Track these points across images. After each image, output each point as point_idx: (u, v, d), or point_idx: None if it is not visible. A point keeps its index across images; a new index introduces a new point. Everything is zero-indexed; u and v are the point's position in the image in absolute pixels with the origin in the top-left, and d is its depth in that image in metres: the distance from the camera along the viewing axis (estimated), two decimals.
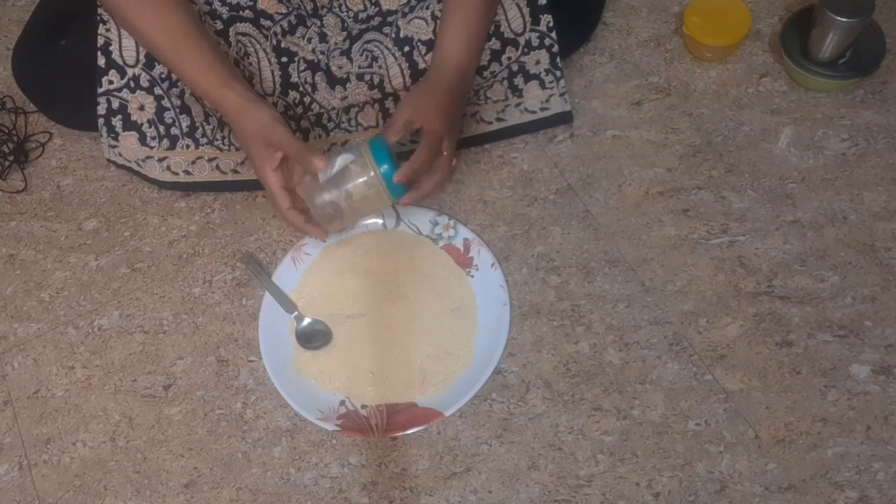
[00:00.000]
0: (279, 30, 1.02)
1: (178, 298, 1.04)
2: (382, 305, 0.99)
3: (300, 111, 1.07)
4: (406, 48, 1.03)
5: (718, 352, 0.93)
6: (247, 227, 1.09)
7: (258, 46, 1.03)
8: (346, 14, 1.01)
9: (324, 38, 1.03)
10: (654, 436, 0.89)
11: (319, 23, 1.02)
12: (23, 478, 0.95)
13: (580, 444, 0.90)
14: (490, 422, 0.92)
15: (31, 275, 1.09)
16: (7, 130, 1.18)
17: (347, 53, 1.04)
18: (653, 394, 0.92)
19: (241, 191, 1.10)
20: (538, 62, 1.06)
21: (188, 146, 1.07)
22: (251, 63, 1.04)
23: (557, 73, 1.06)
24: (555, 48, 1.05)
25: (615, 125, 1.10)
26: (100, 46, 1.02)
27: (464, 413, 0.93)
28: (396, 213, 1.05)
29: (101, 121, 1.06)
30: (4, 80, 1.25)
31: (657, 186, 1.05)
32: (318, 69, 1.05)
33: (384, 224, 1.05)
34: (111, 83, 1.04)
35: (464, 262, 1.01)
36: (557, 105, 1.08)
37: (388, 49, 1.03)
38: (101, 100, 1.05)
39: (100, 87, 1.04)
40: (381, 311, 0.99)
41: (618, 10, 1.19)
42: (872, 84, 1.08)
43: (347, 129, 1.09)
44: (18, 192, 1.16)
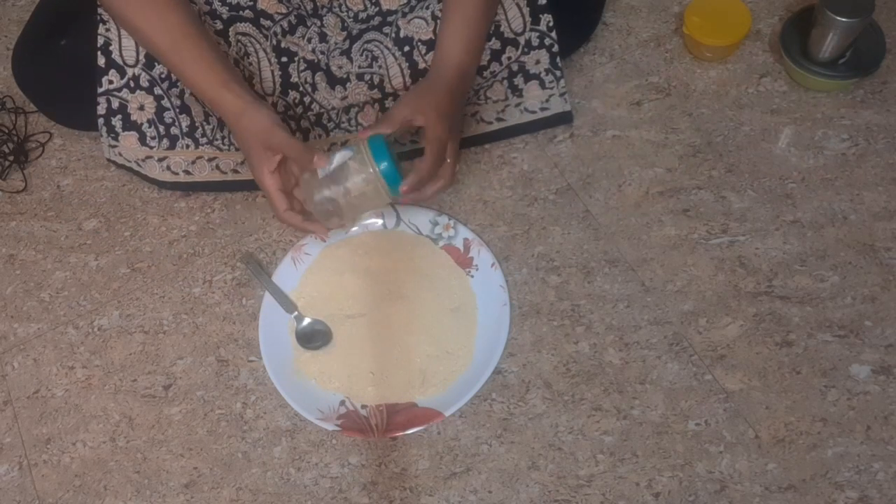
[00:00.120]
0: (279, 30, 1.02)
1: (178, 298, 1.04)
2: (382, 305, 0.99)
3: (300, 111, 1.07)
4: (406, 48, 1.03)
5: (718, 352, 0.93)
6: (247, 227, 1.09)
7: (258, 46, 1.03)
8: (346, 14, 1.01)
9: (324, 38, 1.03)
10: (654, 436, 0.89)
11: (319, 23, 1.02)
12: (23, 478, 0.95)
13: (580, 444, 0.90)
14: (490, 422, 0.92)
15: (31, 275, 1.09)
16: (7, 130, 1.18)
17: (347, 53, 1.04)
18: (653, 394, 0.92)
19: (241, 191, 1.10)
20: (538, 62, 1.06)
21: (188, 146, 1.07)
22: (251, 63, 1.04)
23: (557, 73, 1.06)
24: (555, 48, 1.05)
25: (615, 125, 1.10)
26: (100, 46, 1.02)
27: (464, 413, 0.93)
28: (396, 213, 1.05)
29: (101, 121, 1.06)
30: (4, 80, 1.25)
31: (657, 186, 1.05)
32: (318, 69, 1.05)
33: (384, 224, 1.05)
34: (111, 83, 1.04)
35: (464, 262, 1.01)
36: (557, 105, 1.08)
37: (388, 49, 1.03)
38: (101, 99, 1.05)
39: (100, 87, 1.04)
40: (381, 311, 0.99)
41: (618, 10, 1.19)
42: (872, 84, 1.08)
43: (347, 129, 1.09)
44: (18, 192, 1.16)
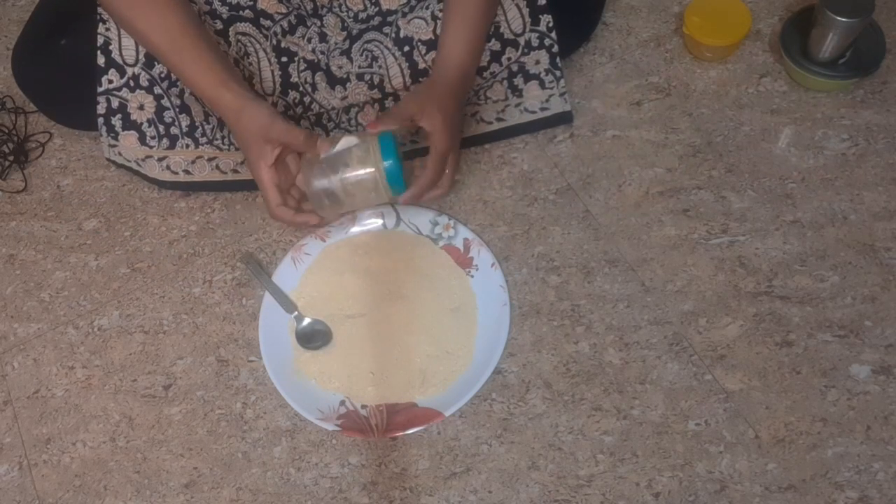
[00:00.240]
0: (279, 30, 1.02)
1: (178, 298, 1.04)
2: (382, 305, 0.99)
3: (300, 111, 1.07)
4: (406, 48, 1.03)
5: (718, 352, 0.93)
6: (247, 227, 1.09)
7: (258, 46, 1.03)
8: (346, 14, 1.01)
9: (324, 38, 1.03)
10: (654, 436, 0.89)
11: (319, 23, 1.02)
12: (23, 478, 0.95)
13: (580, 444, 0.90)
14: (490, 422, 0.92)
15: (31, 275, 1.09)
16: (7, 130, 1.18)
17: (347, 53, 1.04)
18: (653, 394, 0.92)
19: (241, 191, 1.10)
20: (538, 62, 1.06)
21: (188, 146, 1.07)
22: (251, 63, 1.03)
23: (557, 73, 1.06)
24: (554, 48, 1.05)
25: (615, 125, 1.10)
26: (99, 46, 1.02)
27: (464, 413, 0.93)
28: (396, 213, 1.05)
29: (101, 120, 1.06)
30: (4, 80, 1.25)
31: (657, 186, 1.05)
32: (318, 69, 1.05)
33: (384, 224, 1.05)
34: (111, 82, 1.04)
35: (464, 262, 1.01)
36: (557, 105, 1.08)
37: (388, 49, 1.03)
38: (101, 99, 1.05)
39: (99, 87, 1.04)
40: (381, 311, 0.99)
41: (618, 10, 1.19)
42: (872, 84, 1.08)
43: (347, 129, 1.09)
44: (18, 192, 1.16)
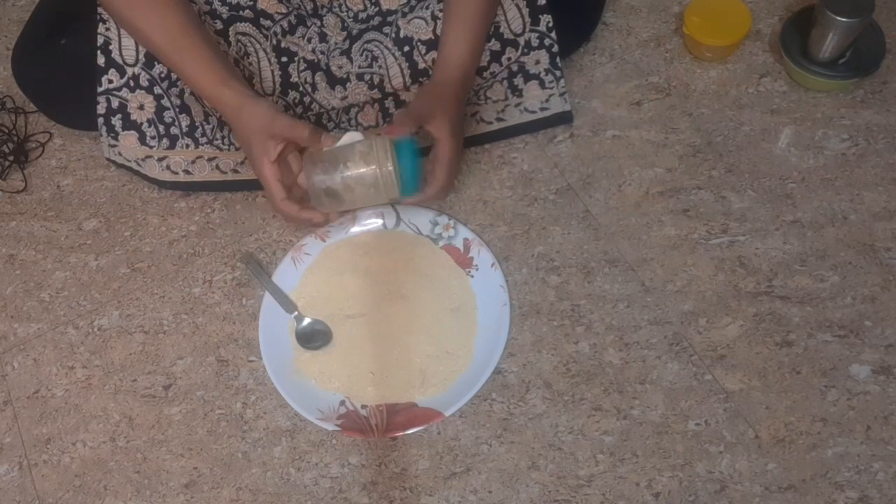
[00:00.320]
0: (279, 30, 1.02)
1: (178, 298, 1.04)
2: (382, 305, 0.99)
3: (300, 111, 1.07)
4: (406, 48, 1.03)
5: (718, 352, 0.93)
6: (247, 227, 1.09)
7: (258, 46, 1.03)
8: (346, 14, 1.01)
9: (324, 38, 1.03)
10: (654, 436, 0.89)
11: (319, 23, 1.02)
12: (23, 478, 0.95)
13: (580, 444, 0.90)
14: (490, 422, 0.92)
15: (31, 275, 1.09)
16: (7, 130, 1.18)
17: (347, 53, 1.04)
18: (653, 394, 0.92)
19: (241, 191, 1.10)
20: (538, 62, 1.06)
21: (188, 145, 1.07)
22: (251, 63, 1.03)
23: (557, 73, 1.06)
24: (554, 48, 1.05)
25: (615, 125, 1.10)
26: (99, 46, 1.02)
27: (464, 413, 0.93)
28: (396, 213, 1.05)
29: (101, 120, 1.06)
30: (4, 80, 1.25)
31: (657, 186, 1.05)
32: (318, 69, 1.05)
33: (384, 224, 1.05)
34: (111, 82, 1.04)
35: (464, 262, 1.01)
36: (557, 105, 1.08)
37: (388, 49, 1.03)
38: (101, 99, 1.05)
39: (99, 87, 1.04)
40: (381, 311, 0.99)
41: (618, 10, 1.19)
42: (872, 84, 1.08)
43: (347, 129, 1.08)
44: (18, 192, 1.16)
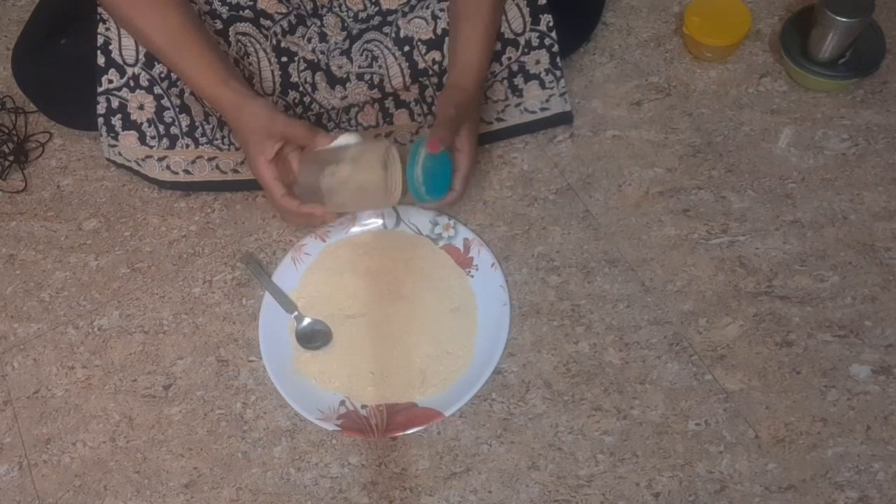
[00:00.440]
0: (279, 29, 1.02)
1: (178, 298, 1.04)
2: (382, 305, 0.99)
3: (300, 111, 1.07)
4: (406, 48, 1.03)
5: (718, 352, 0.93)
6: (247, 227, 1.09)
7: (258, 46, 1.03)
8: (346, 14, 1.01)
9: (324, 38, 1.03)
10: (654, 436, 0.89)
11: (319, 22, 1.02)
12: (23, 478, 0.95)
13: (580, 444, 0.90)
14: (490, 422, 0.92)
15: (31, 275, 1.08)
16: (7, 130, 1.18)
17: (347, 53, 1.04)
18: (653, 394, 0.92)
19: (241, 191, 1.10)
20: (538, 62, 1.06)
21: (188, 145, 1.07)
22: (251, 63, 1.03)
23: (557, 73, 1.06)
24: (555, 48, 1.05)
25: (615, 125, 1.10)
26: (99, 45, 1.02)
27: (464, 413, 0.93)
28: (396, 213, 1.05)
29: (101, 120, 1.06)
30: (4, 80, 1.25)
31: (657, 186, 1.05)
32: (318, 69, 1.05)
33: (384, 224, 1.05)
34: (111, 82, 1.04)
35: (464, 262, 1.01)
36: (557, 105, 1.08)
37: (388, 49, 1.03)
38: (101, 99, 1.05)
39: (99, 87, 1.04)
40: (381, 311, 0.99)
41: (618, 10, 1.19)
42: (872, 84, 1.08)
43: (347, 129, 1.09)
44: (18, 192, 1.16)
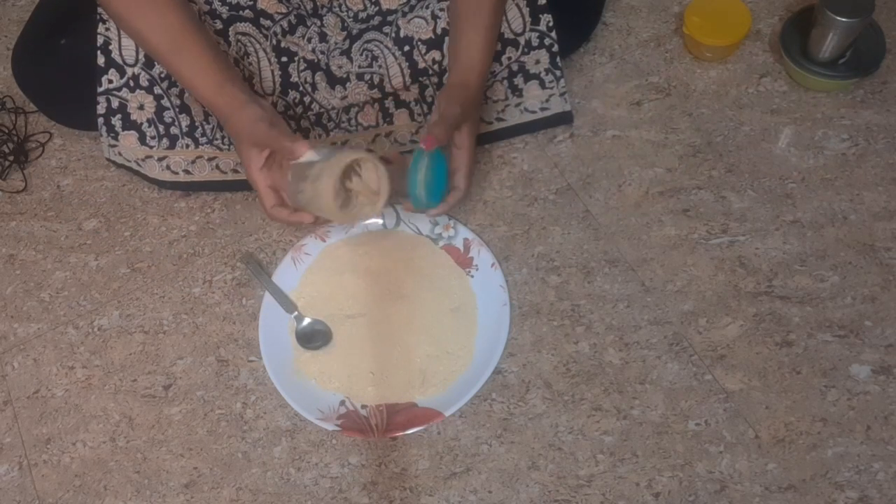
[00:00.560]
0: (279, 29, 1.02)
1: (178, 298, 1.04)
2: (382, 305, 0.99)
3: (300, 111, 1.07)
4: (406, 47, 1.03)
5: (718, 352, 0.93)
6: (247, 227, 1.09)
7: (258, 46, 1.03)
8: (346, 14, 1.01)
9: (324, 38, 1.03)
10: (654, 436, 0.89)
11: (319, 22, 1.02)
12: (23, 478, 0.95)
13: (580, 444, 0.90)
14: (490, 422, 0.92)
15: (31, 275, 1.09)
16: (7, 130, 1.18)
17: (347, 53, 1.04)
18: (653, 394, 0.92)
19: (241, 191, 1.10)
20: (538, 62, 1.06)
21: (188, 145, 1.07)
22: (251, 63, 1.03)
23: (557, 73, 1.06)
24: (555, 48, 1.05)
25: (615, 125, 1.10)
26: (99, 46, 1.02)
27: (464, 413, 0.93)
28: (396, 213, 1.05)
29: (101, 120, 1.06)
30: (4, 80, 1.25)
31: (657, 186, 1.05)
32: (318, 69, 1.05)
33: (384, 224, 1.05)
34: (111, 82, 1.04)
35: (464, 262, 1.01)
36: (557, 105, 1.08)
37: (388, 49, 1.03)
38: (101, 99, 1.05)
39: (99, 87, 1.04)
40: (381, 311, 0.99)
41: (618, 10, 1.19)
42: (872, 84, 1.08)
43: (347, 129, 1.09)
44: (18, 192, 1.16)
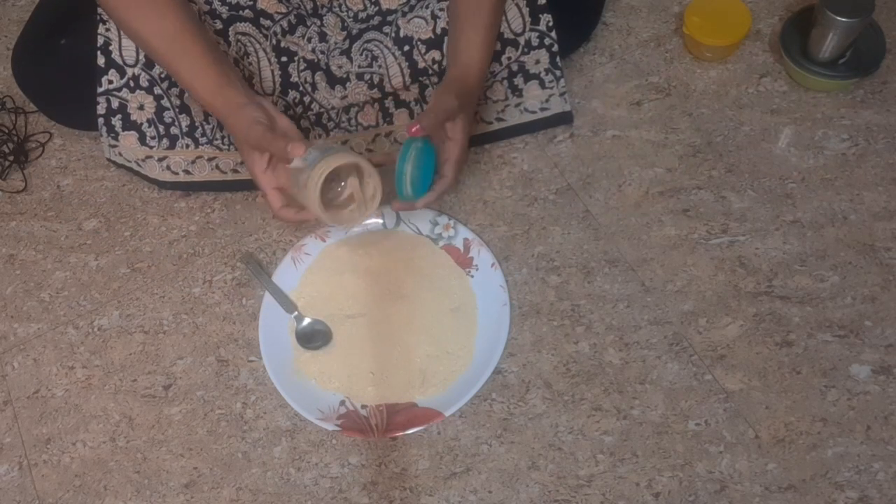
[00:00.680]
0: (279, 29, 1.02)
1: (178, 298, 1.04)
2: (382, 305, 0.99)
3: (300, 111, 1.07)
4: (406, 47, 1.03)
5: (718, 352, 0.93)
6: (247, 227, 1.09)
7: (258, 46, 1.03)
8: (346, 13, 1.01)
9: (324, 38, 1.03)
10: (654, 436, 0.89)
11: (319, 22, 1.02)
12: (23, 478, 0.95)
13: (580, 444, 0.90)
14: (490, 422, 0.92)
15: (31, 275, 1.09)
16: (7, 130, 1.18)
17: (347, 53, 1.04)
18: (653, 394, 0.92)
19: (241, 191, 1.10)
20: (538, 62, 1.06)
21: (188, 146, 1.07)
22: (251, 63, 1.03)
23: (557, 73, 1.06)
24: (554, 48, 1.05)
25: (615, 125, 1.10)
26: (99, 46, 1.02)
27: (464, 413, 0.93)
28: (396, 213, 1.05)
29: (101, 120, 1.06)
30: (4, 80, 1.25)
31: (657, 186, 1.05)
32: (318, 69, 1.05)
33: (384, 224, 1.05)
34: (111, 83, 1.04)
35: (464, 262, 1.01)
36: (557, 105, 1.08)
37: (388, 48, 1.03)
38: (101, 99, 1.05)
39: (99, 87, 1.04)
40: (381, 311, 0.99)
41: (618, 10, 1.19)
42: (872, 84, 1.08)
43: (347, 129, 1.09)
44: (18, 192, 1.16)
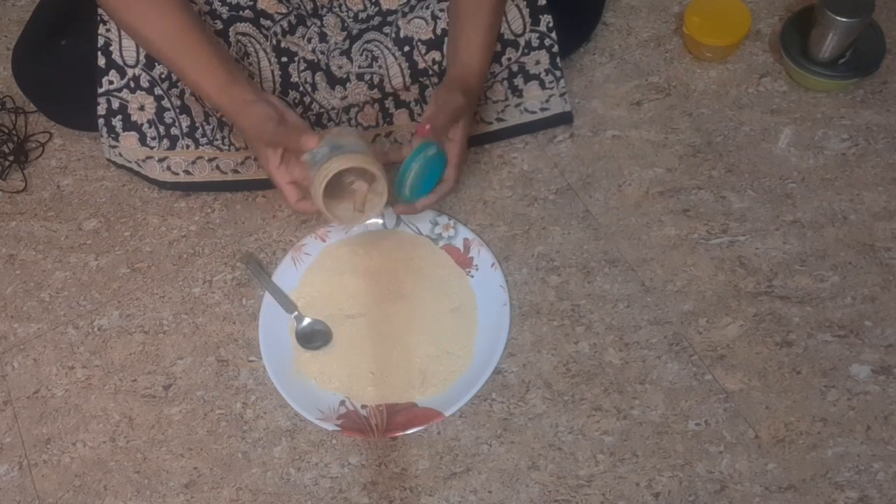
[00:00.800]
0: (279, 30, 1.02)
1: (178, 298, 1.04)
2: (382, 305, 0.99)
3: (300, 111, 1.07)
4: (406, 48, 1.03)
5: (718, 352, 0.93)
6: (247, 227, 1.09)
7: (258, 46, 1.03)
8: (346, 14, 1.01)
9: (324, 38, 1.03)
10: (654, 436, 0.89)
11: (319, 23, 1.02)
12: (23, 478, 0.95)
13: (580, 444, 0.90)
14: (490, 422, 0.92)
15: (31, 275, 1.09)
16: (7, 130, 1.18)
17: (347, 53, 1.04)
18: (653, 394, 0.92)
19: (241, 191, 1.10)
20: (538, 62, 1.06)
21: (188, 146, 1.07)
22: (251, 63, 1.03)
23: (557, 73, 1.06)
24: (555, 48, 1.05)
25: (615, 125, 1.10)
26: (100, 46, 1.02)
27: (464, 413, 0.93)
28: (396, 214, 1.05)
29: (102, 121, 1.06)
30: (4, 80, 1.25)
31: (657, 186, 1.05)
32: (318, 69, 1.05)
33: (384, 224, 1.05)
34: (111, 83, 1.04)
35: (464, 262, 1.01)
36: (557, 105, 1.08)
37: (388, 49, 1.03)
38: (101, 100, 1.05)
39: (100, 88, 1.04)
40: (381, 311, 0.99)
41: (618, 10, 1.19)
42: (872, 84, 1.08)
43: (348, 127, 1.09)
44: (18, 192, 1.16)
